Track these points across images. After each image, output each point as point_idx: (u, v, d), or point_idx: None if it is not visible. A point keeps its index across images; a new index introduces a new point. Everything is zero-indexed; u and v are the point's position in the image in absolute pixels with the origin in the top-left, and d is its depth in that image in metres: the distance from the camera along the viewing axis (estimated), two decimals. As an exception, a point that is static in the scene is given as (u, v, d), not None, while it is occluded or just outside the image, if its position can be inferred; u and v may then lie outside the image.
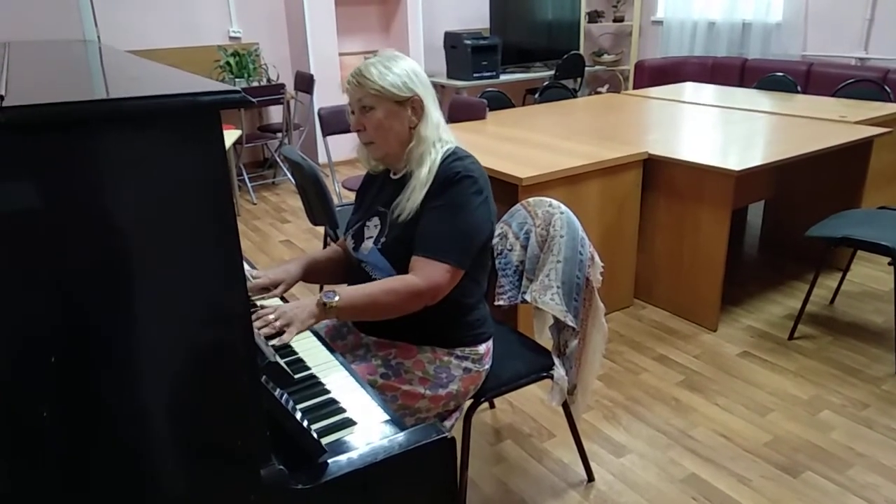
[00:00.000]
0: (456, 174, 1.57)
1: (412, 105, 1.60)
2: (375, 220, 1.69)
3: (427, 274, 1.53)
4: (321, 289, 2.04)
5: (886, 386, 2.51)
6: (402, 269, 1.59)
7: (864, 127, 3.28)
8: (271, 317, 1.45)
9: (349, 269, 1.78)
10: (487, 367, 1.74)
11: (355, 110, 1.62)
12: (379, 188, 1.75)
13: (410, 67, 1.61)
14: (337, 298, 1.49)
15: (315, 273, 1.82)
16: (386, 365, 1.64)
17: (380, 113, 1.59)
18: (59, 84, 1.12)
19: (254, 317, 1.46)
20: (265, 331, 1.42)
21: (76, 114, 0.80)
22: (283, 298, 1.73)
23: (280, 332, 1.43)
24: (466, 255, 1.58)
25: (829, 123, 3.39)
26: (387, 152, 1.65)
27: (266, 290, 1.69)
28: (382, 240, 1.64)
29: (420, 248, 1.55)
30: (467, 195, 1.57)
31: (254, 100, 0.87)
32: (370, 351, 1.68)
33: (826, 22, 5.43)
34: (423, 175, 1.59)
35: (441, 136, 1.65)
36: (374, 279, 1.66)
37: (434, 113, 1.64)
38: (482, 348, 1.71)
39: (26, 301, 0.82)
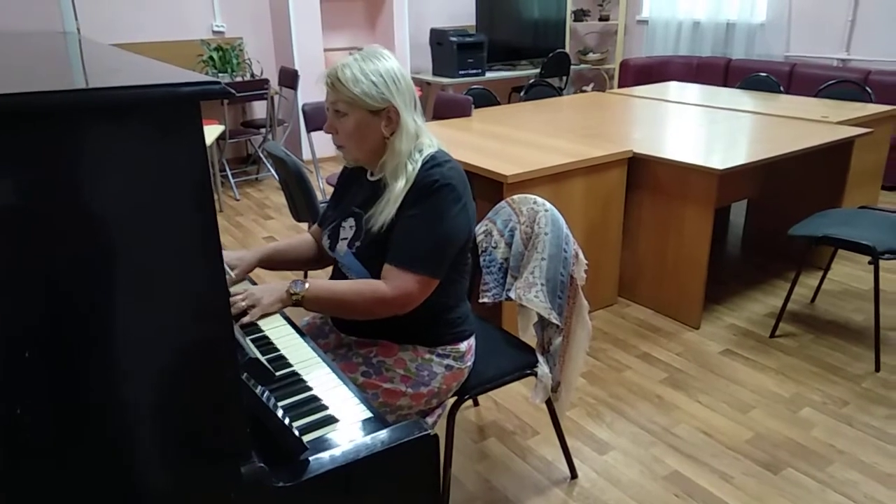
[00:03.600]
0: (434, 182, 1.52)
1: (387, 116, 1.53)
2: (351, 222, 1.66)
3: (397, 284, 1.51)
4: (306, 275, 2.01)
5: (866, 384, 2.54)
6: (377, 273, 1.58)
7: (846, 127, 3.31)
8: (238, 297, 1.48)
9: (323, 261, 1.79)
10: (469, 364, 1.73)
11: (329, 111, 1.57)
12: (356, 186, 1.71)
13: (390, 72, 1.52)
14: (305, 288, 1.51)
15: (277, 261, 1.82)
16: (367, 363, 1.63)
17: (352, 121, 1.53)
18: (36, 74, 1.10)
19: None
20: (232, 310, 1.46)
21: (53, 104, 0.78)
22: (251, 281, 1.75)
23: (245, 313, 1.49)
24: (441, 265, 1.55)
25: (812, 123, 3.42)
26: (358, 158, 1.61)
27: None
28: (357, 244, 1.61)
29: (392, 258, 1.53)
30: (445, 205, 1.53)
31: (234, 92, 0.85)
32: (351, 349, 1.67)
33: (809, 23, 5.48)
34: (398, 189, 1.54)
35: (423, 142, 1.59)
36: (349, 279, 1.65)
37: (411, 123, 1.55)
38: (463, 346, 1.70)
39: (2, 295, 0.80)
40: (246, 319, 1.49)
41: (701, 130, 3.43)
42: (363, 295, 1.52)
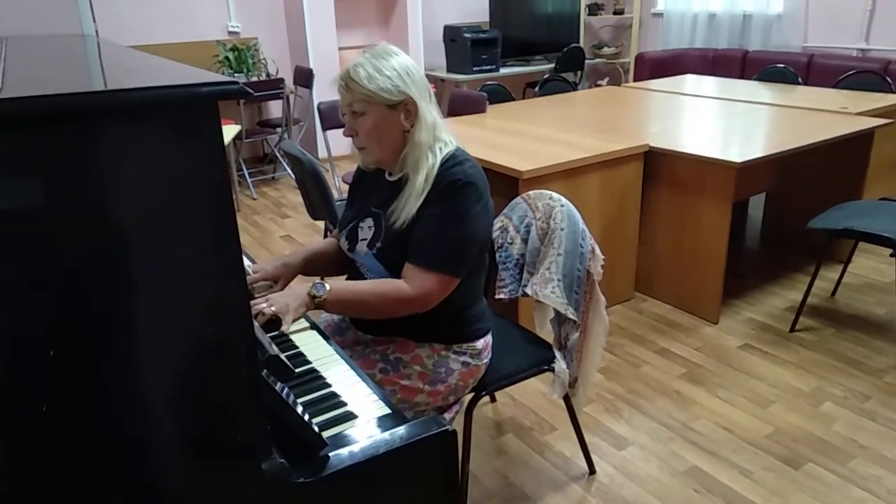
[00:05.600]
0: (457, 181, 1.52)
1: (405, 108, 1.53)
2: (369, 222, 1.65)
3: (418, 284, 1.51)
4: (322, 279, 2.03)
5: (888, 378, 2.51)
6: (398, 273, 1.57)
7: (866, 118, 3.27)
8: (263, 306, 1.46)
9: (345, 263, 1.77)
10: (486, 360, 1.74)
11: (346, 114, 1.56)
12: (373, 186, 1.70)
13: (402, 66, 1.52)
14: (326, 291, 1.50)
15: (314, 266, 1.82)
16: (384, 360, 1.63)
17: (371, 119, 1.52)
18: (57, 77, 1.12)
19: None
20: (260, 320, 1.45)
21: (73, 106, 0.79)
22: None
23: (273, 321, 1.45)
24: (462, 264, 1.55)
25: (831, 115, 3.37)
26: (380, 158, 1.60)
27: (266, 285, 1.70)
28: (378, 245, 1.61)
29: (414, 257, 1.53)
30: (467, 204, 1.52)
31: (252, 91, 0.86)
32: (369, 346, 1.67)
33: (827, 13, 5.41)
34: (420, 183, 1.53)
35: (440, 137, 1.58)
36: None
37: (429, 115, 1.56)
38: (480, 343, 1.70)
39: (24, 296, 0.82)
40: (283, 328, 1.46)
41: (718, 123, 3.40)
42: (385, 295, 1.52)
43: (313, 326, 1.56)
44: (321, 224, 3.93)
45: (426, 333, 1.64)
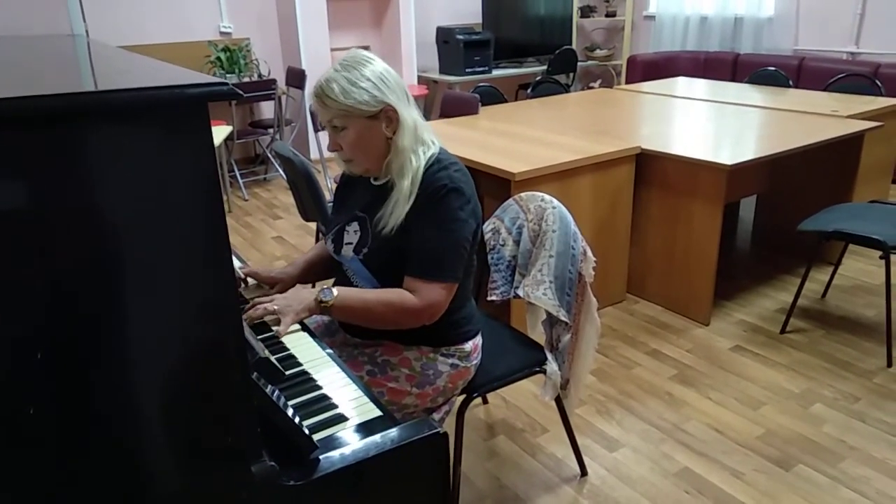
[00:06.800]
0: (443, 187, 1.52)
1: (386, 116, 1.52)
2: (355, 226, 1.65)
3: (425, 295, 1.51)
4: (313, 286, 2.04)
5: (878, 379, 2.52)
6: (384, 278, 1.58)
7: (856, 121, 3.29)
8: (268, 305, 1.47)
9: (333, 266, 1.78)
10: (475, 363, 1.73)
11: (327, 128, 1.56)
12: (359, 190, 1.70)
13: (376, 74, 1.51)
14: (333, 297, 1.50)
15: (315, 269, 1.82)
16: (372, 362, 1.63)
17: (352, 132, 1.52)
18: (46, 77, 1.11)
19: (250, 304, 1.49)
20: (258, 312, 1.47)
21: (62, 106, 0.78)
22: None
23: (276, 321, 1.47)
24: (459, 268, 1.56)
25: (821, 118, 3.39)
26: (368, 167, 1.60)
27: (260, 285, 1.70)
28: (364, 250, 1.61)
29: (413, 270, 1.53)
30: (455, 209, 1.53)
31: (242, 93, 0.86)
32: (357, 348, 1.67)
33: (817, 17, 5.45)
34: (406, 187, 1.53)
35: (422, 139, 1.58)
36: (356, 285, 1.65)
37: (409, 118, 1.54)
38: (468, 346, 1.70)
39: (10, 298, 0.81)
40: (281, 329, 1.47)
41: (709, 126, 3.42)
42: (392, 305, 1.52)
43: (304, 328, 1.55)
44: (313, 225, 3.92)
45: (414, 336, 1.63)
